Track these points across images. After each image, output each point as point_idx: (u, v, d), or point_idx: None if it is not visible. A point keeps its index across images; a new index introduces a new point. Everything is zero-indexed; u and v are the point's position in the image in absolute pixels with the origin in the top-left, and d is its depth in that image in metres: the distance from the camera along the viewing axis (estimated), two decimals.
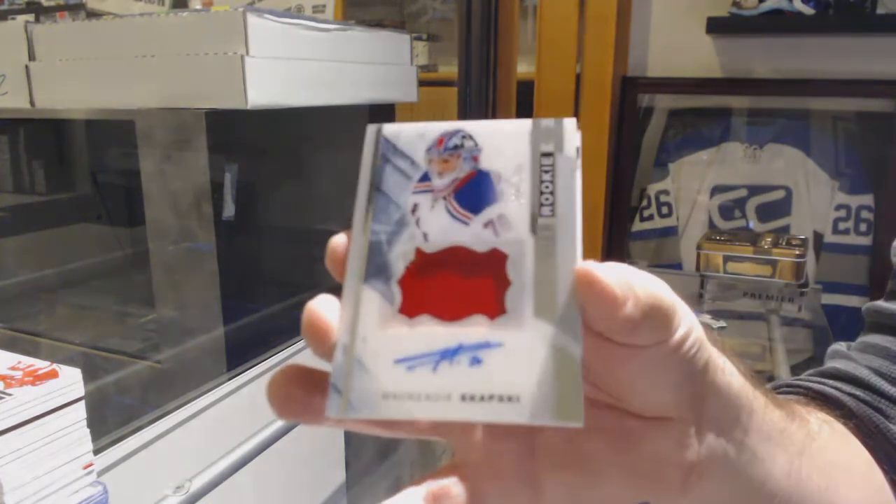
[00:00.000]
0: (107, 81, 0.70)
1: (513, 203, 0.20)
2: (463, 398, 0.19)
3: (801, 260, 0.97)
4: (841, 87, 1.36)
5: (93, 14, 0.85)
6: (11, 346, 0.44)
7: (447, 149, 0.21)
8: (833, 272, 1.36)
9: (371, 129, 0.22)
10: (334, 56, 0.78)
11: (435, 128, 0.21)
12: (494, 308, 0.20)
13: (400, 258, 0.20)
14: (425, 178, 0.21)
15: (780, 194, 1.42)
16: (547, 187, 0.20)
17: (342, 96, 0.80)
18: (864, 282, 1.36)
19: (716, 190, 1.48)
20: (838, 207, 1.37)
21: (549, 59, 1.63)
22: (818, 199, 1.39)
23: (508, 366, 0.19)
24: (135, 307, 0.88)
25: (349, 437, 0.90)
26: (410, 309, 0.20)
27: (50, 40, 0.72)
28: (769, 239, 1.01)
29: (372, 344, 0.20)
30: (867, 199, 1.35)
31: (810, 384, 0.39)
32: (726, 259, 0.99)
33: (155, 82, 0.67)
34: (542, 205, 0.20)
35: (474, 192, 0.21)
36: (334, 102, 0.79)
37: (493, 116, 1.16)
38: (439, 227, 0.20)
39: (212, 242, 0.68)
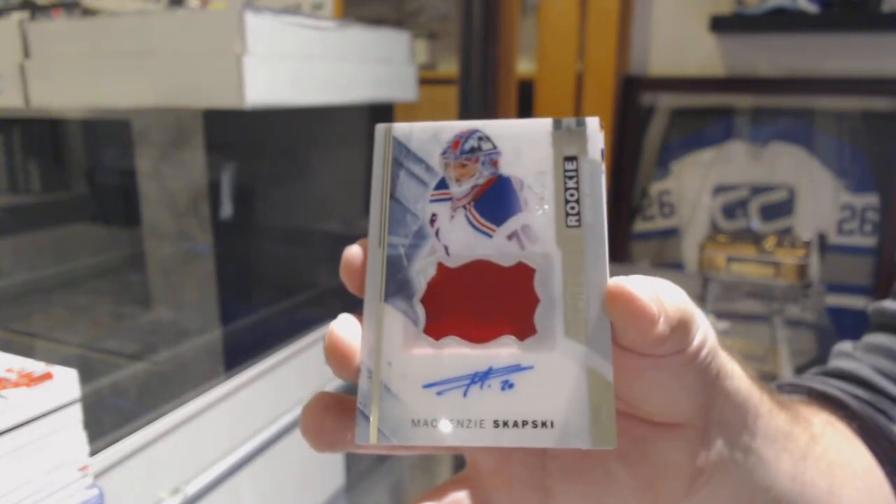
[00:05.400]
0: (103, 80, 0.69)
1: (537, 212, 0.19)
2: (496, 424, 0.19)
3: (805, 261, 0.96)
4: (845, 86, 1.35)
5: (88, 12, 0.84)
6: (6, 347, 0.44)
7: (464, 152, 0.20)
8: (838, 273, 1.35)
9: (380, 129, 0.20)
10: (333, 54, 0.77)
11: (449, 128, 0.20)
12: (524, 328, 0.19)
13: (421, 274, 0.19)
14: (442, 184, 0.20)
15: (783, 194, 1.41)
16: (572, 195, 0.19)
17: (341, 95, 0.80)
18: (870, 283, 1.35)
19: (718, 190, 1.47)
20: (843, 207, 1.36)
21: (550, 57, 1.62)
22: (822, 199, 1.38)
23: (541, 390, 0.19)
24: (131, 308, 0.87)
25: None
26: (436, 330, 0.19)
27: (45, 38, 0.72)
28: (772, 240, 1.00)
29: (398, 368, 0.19)
30: (872, 199, 1.34)
31: (813, 384, 0.38)
32: (729, 260, 0.98)
33: (151, 81, 0.67)
34: (567, 214, 0.19)
35: (496, 201, 0.20)
36: (333, 101, 0.78)
37: (494, 115, 1.15)
38: (461, 239, 0.19)
39: (209, 243, 0.67)
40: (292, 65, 0.70)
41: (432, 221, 0.20)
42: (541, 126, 0.20)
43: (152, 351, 0.75)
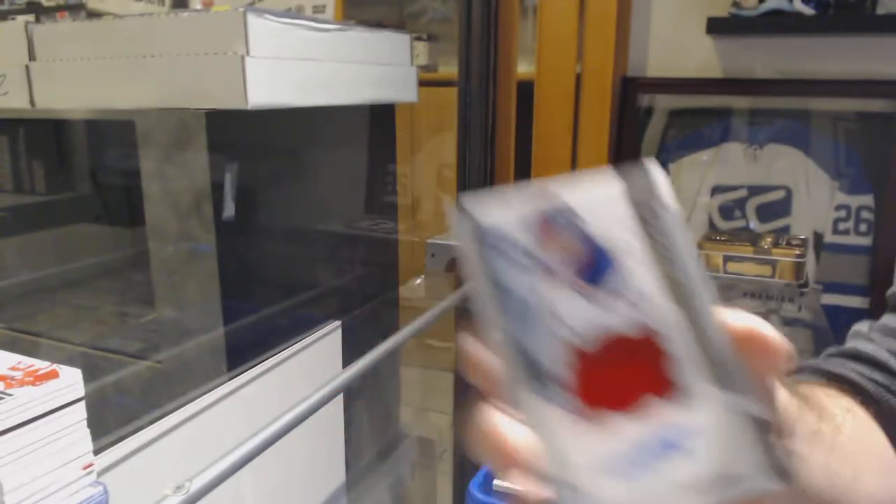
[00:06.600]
0: (107, 81, 0.70)
1: (639, 273, 0.20)
2: (681, 487, 0.19)
3: (801, 260, 0.97)
4: (841, 88, 1.36)
5: (93, 14, 0.85)
6: (11, 346, 0.44)
7: (553, 229, 0.20)
8: (833, 272, 1.36)
9: (461, 218, 0.20)
10: (334, 56, 0.78)
11: (529, 207, 0.20)
12: (667, 386, 0.19)
13: (555, 358, 0.19)
14: (543, 264, 0.20)
15: (780, 194, 1.42)
16: (665, 249, 0.20)
17: (342, 96, 0.80)
18: (865, 282, 1.36)
19: (716, 190, 1.48)
20: (838, 207, 1.37)
21: (549, 59, 1.63)
22: (818, 200, 1.39)
23: (709, 444, 0.19)
24: (135, 307, 0.88)
25: (349, 437, 0.90)
26: (590, 411, 0.19)
27: (50, 40, 0.72)
28: (769, 239, 1.01)
29: (573, 463, 0.19)
30: (867, 200, 1.35)
31: (832, 368, 0.40)
32: (726, 259, 0.98)
33: (155, 82, 0.67)
34: (664, 265, 0.20)
35: (598, 271, 0.20)
36: (334, 102, 0.79)
37: (493, 116, 1.16)
38: (580, 315, 0.20)
39: (212, 243, 0.68)
40: (294, 66, 0.71)
41: (545, 302, 0.20)
42: (612, 185, 0.20)
43: (155, 350, 0.75)
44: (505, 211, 0.20)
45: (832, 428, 0.29)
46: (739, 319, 0.20)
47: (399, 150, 1.04)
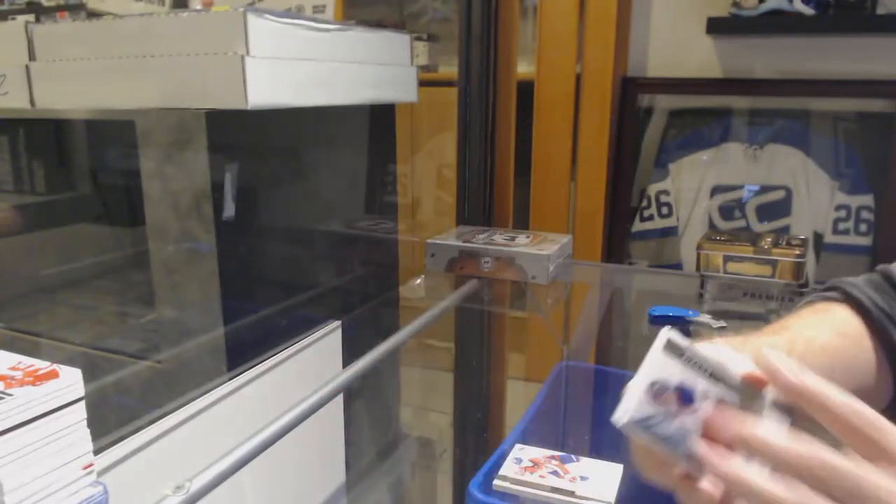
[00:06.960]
0: (107, 81, 0.70)
1: (701, 384, 0.38)
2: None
3: (802, 260, 0.97)
4: (841, 88, 1.36)
5: (93, 14, 0.85)
6: (11, 346, 0.44)
7: (659, 395, 0.37)
8: (833, 272, 1.36)
9: (621, 423, 0.37)
10: (334, 56, 0.78)
11: (636, 393, 0.37)
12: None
13: (695, 446, 0.38)
14: (667, 414, 0.38)
15: (780, 194, 1.42)
16: (702, 366, 0.38)
17: (342, 96, 0.80)
18: None
19: (716, 190, 1.48)
20: (838, 208, 1.37)
21: (550, 59, 1.63)
22: (818, 200, 1.39)
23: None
24: (135, 307, 0.88)
25: (349, 437, 0.90)
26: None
27: (50, 40, 0.72)
28: (769, 239, 1.01)
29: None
30: (867, 200, 1.35)
31: (850, 290, 0.52)
32: (726, 259, 0.98)
33: (155, 82, 0.67)
34: (703, 370, 0.38)
35: (684, 398, 0.38)
36: (334, 102, 0.79)
37: (493, 116, 1.16)
38: (692, 422, 0.38)
39: (212, 242, 0.68)
40: (294, 66, 0.71)
41: (678, 429, 0.38)
42: (661, 355, 0.38)
43: (155, 350, 0.75)
44: (632, 401, 0.37)
45: (790, 334, 0.47)
46: (761, 366, 0.38)
47: (399, 150, 1.04)
